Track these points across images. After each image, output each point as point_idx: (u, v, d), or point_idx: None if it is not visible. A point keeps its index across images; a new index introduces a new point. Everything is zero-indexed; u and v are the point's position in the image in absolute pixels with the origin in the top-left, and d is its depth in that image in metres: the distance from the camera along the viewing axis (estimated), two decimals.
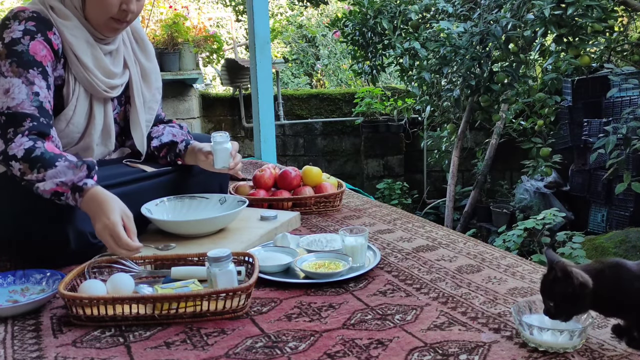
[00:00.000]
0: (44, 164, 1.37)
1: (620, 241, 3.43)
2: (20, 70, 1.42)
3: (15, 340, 1.10)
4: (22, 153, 1.37)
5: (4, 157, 1.38)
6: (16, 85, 1.41)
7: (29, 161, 1.37)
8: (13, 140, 1.38)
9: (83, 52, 1.53)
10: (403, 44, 4.05)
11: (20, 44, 1.43)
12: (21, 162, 1.37)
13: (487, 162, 4.65)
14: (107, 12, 1.51)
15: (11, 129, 1.39)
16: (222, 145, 1.65)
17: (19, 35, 1.43)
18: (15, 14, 1.45)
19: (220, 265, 1.18)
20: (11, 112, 1.40)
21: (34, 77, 1.43)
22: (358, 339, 1.06)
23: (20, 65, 1.42)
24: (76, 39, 1.51)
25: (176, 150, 1.77)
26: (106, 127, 1.64)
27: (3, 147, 1.39)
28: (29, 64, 1.43)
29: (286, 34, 8.33)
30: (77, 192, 1.36)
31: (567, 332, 0.98)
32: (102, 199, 1.35)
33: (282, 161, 5.27)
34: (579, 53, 3.31)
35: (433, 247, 1.60)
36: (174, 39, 5.19)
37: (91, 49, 1.55)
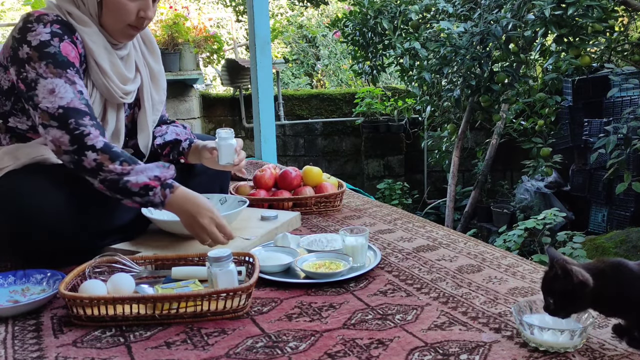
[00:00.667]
0: (127, 159, 1.40)
1: (621, 241, 3.43)
2: (59, 71, 1.40)
3: (15, 341, 1.10)
4: (101, 144, 1.38)
5: (78, 145, 1.36)
6: (60, 85, 1.39)
7: (109, 153, 1.38)
8: (78, 129, 1.37)
9: (102, 58, 1.52)
10: (403, 44, 4.05)
11: (51, 45, 1.41)
12: (100, 152, 1.37)
13: (488, 162, 4.65)
14: (125, 19, 1.50)
15: (72, 120, 1.38)
16: (227, 142, 1.65)
17: (48, 37, 1.41)
18: (38, 17, 1.43)
19: (221, 265, 1.18)
20: (67, 107, 1.38)
21: (73, 77, 1.42)
22: (358, 338, 1.06)
23: (57, 66, 1.40)
24: (96, 45, 1.51)
25: (179, 149, 1.77)
26: (117, 131, 1.64)
27: (71, 136, 1.37)
28: (65, 65, 1.42)
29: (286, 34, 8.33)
30: (167, 189, 1.41)
31: (567, 332, 0.98)
32: (197, 197, 1.44)
33: (282, 161, 5.27)
34: (579, 53, 3.31)
35: (433, 247, 1.60)
36: (174, 40, 5.19)
37: (108, 55, 1.54)
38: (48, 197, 1.41)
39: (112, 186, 1.38)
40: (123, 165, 1.38)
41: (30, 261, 1.41)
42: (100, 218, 1.50)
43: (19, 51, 1.41)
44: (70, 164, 1.40)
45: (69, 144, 1.37)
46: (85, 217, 1.46)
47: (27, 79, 1.40)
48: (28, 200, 1.41)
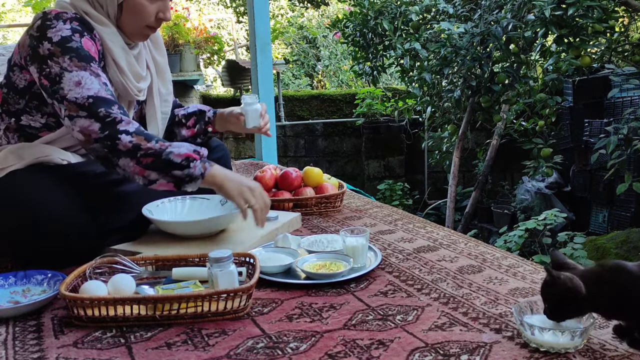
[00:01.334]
0: (161, 139, 1.44)
1: (622, 242, 3.42)
2: (83, 64, 1.42)
3: (16, 341, 1.10)
4: (134, 128, 1.41)
5: (110, 131, 1.38)
6: (86, 77, 1.41)
7: (143, 135, 1.41)
8: (109, 116, 1.39)
9: (120, 57, 1.54)
10: (404, 45, 4.05)
11: (72, 40, 1.43)
12: (134, 135, 1.39)
13: (488, 163, 4.64)
14: (144, 21, 1.54)
15: (102, 109, 1.39)
16: (253, 106, 1.74)
17: (69, 33, 1.43)
18: (57, 15, 1.46)
19: (222, 266, 1.18)
20: (96, 96, 1.40)
21: (97, 70, 1.45)
22: (359, 339, 1.06)
23: (80, 59, 1.42)
24: (114, 44, 1.53)
25: (205, 118, 1.84)
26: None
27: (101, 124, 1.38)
28: (88, 59, 1.44)
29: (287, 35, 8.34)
30: (206, 162, 1.45)
31: (568, 333, 0.98)
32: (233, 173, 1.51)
33: (283, 162, 5.27)
34: (579, 53, 3.31)
35: (434, 248, 1.60)
36: (174, 40, 5.20)
37: (125, 55, 1.57)
38: (50, 197, 1.42)
39: (153, 162, 1.39)
40: (159, 143, 1.41)
41: (31, 262, 1.41)
42: (101, 219, 1.51)
43: (39, 48, 1.42)
44: (102, 150, 1.40)
45: (99, 131, 1.38)
46: (86, 217, 1.46)
47: (50, 74, 1.41)
48: (30, 200, 1.41)
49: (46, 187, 1.43)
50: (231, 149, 5.77)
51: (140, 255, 1.42)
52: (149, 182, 1.42)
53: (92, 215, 1.48)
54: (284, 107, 5.88)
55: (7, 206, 1.44)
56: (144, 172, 1.40)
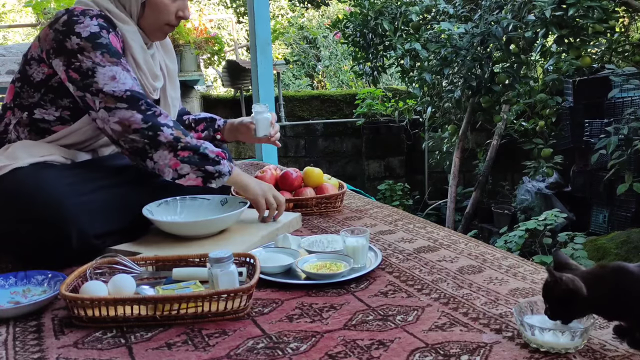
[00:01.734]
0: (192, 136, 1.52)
1: (622, 242, 3.42)
2: (115, 60, 1.48)
3: (16, 342, 1.10)
4: (172, 123, 1.49)
5: (153, 123, 1.45)
6: (119, 72, 1.47)
7: (180, 129, 1.50)
8: (150, 109, 1.46)
9: (139, 55, 1.59)
10: (404, 45, 4.05)
11: (102, 37, 1.48)
12: (174, 129, 1.48)
13: (489, 163, 4.64)
14: (165, 19, 1.61)
15: (142, 101, 1.46)
16: (263, 115, 1.78)
17: (97, 29, 1.48)
18: (83, 11, 1.50)
19: (222, 266, 1.18)
20: (133, 90, 1.47)
21: (127, 65, 1.51)
22: (359, 339, 1.06)
23: (112, 55, 1.48)
24: (134, 42, 1.58)
25: (215, 126, 1.87)
26: None
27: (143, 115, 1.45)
28: (118, 55, 1.50)
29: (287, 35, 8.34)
30: (232, 161, 1.56)
31: (568, 333, 0.98)
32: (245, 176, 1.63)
33: (283, 162, 5.27)
34: (580, 54, 3.31)
35: (434, 248, 1.60)
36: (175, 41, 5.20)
37: (143, 53, 1.61)
38: (52, 195, 1.42)
39: (189, 156, 1.48)
40: (194, 139, 1.51)
41: (32, 261, 1.41)
42: (103, 219, 1.51)
43: (66, 42, 1.46)
44: (141, 141, 1.46)
45: (142, 122, 1.45)
46: (87, 217, 1.46)
47: (81, 67, 1.46)
48: (32, 198, 1.41)
49: (48, 186, 1.43)
50: (231, 149, 5.78)
51: (141, 255, 1.42)
52: (178, 175, 1.50)
53: (95, 216, 1.48)
54: (284, 108, 5.89)
55: (9, 203, 1.44)
56: (178, 165, 1.48)
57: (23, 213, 1.42)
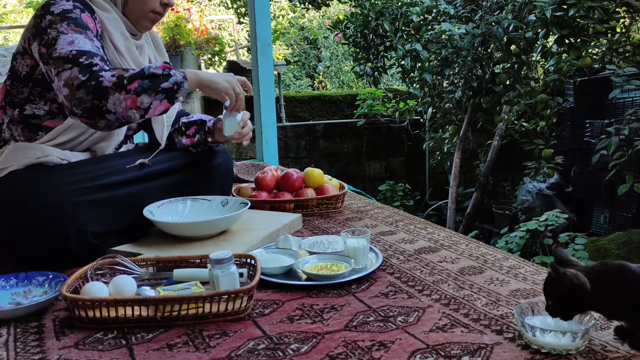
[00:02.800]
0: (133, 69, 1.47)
1: (623, 242, 3.42)
2: (80, 29, 1.47)
3: (17, 343, 1.10)
4: (108, 67, 1.42)
5: (90, 73, 1.38)
6: (80, 39, 1.45)
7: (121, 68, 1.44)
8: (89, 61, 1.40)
9: (118, 40, 1.60)
10: (405, 46, 4.05)
11: (72, 12, 1.49)
12: (113, 70, 1.41)
13: (489, 164, 4.64)
14: (149, 6, 1.61)
15: (84, 56, 1.41)
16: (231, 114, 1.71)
17: (70, 7, 1.50)
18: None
19: (223, 267, 1.18)
20: (81, 49, 1.42)
21: (92, 37, 1.49)
22: (360, 340, 1.06)
23: (78, 25, 1.47)
24: (113, 28, 1.59)
25: (205, 128, 1.84)
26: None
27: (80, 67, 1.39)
28: (85, 27, 1.49)
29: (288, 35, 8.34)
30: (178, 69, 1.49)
31: (569, 334, 0.98)
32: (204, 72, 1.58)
33: (284, 163, 5.27)
34: (580, 54, 3.31)
35: (435, 249, 1.60)
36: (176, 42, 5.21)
37: (125, 41, 1.62)
38: (50, 197, 1.42)
39: (140, 84, 1.39)
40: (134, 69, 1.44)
41: (32, 263, 1.41)
42: (101, 219, 1.50)
43: (41, 23, 1.48)
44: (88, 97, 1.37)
45: (81, 74, 1.38)
46: (87, 218, 1.46)
47: (48, 40, 1.45)
48: (30, 201, 1.41)
49: (46, 188, 1.43)
50: (232, 150, 5.78)
51: (142, 256, 1.42)
52: (144, 110, 1.42)
53: (93, 216, 1.48)
54: (285, 108, 5.88)
55: (7, 207, 1.44)
56: (136, 101, 1.40)
57: (21, 215, 1.42)
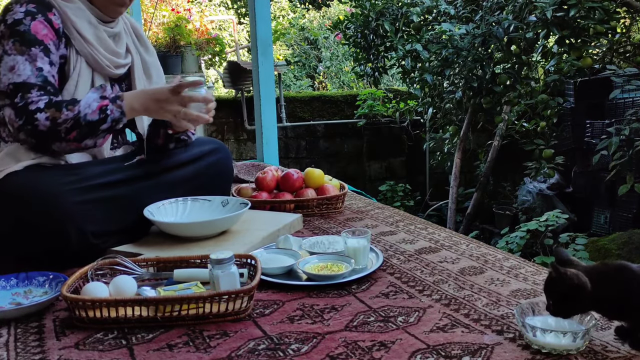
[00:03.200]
0: (69, 102, 1.47)
1: (624, 243, 3.42)
2: (23, 49, 1.47)
3: (18, 343, 1.10)
4: (44, 102, 1.44)
5: (26, 115, 1.41)
6: (20, 62, 1.46)
7: (53, 106, 1.44)
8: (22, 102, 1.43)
9: (85, 29, 1.58)
10: (405, 46, 4.05)
11: (22, 24, 1.49)
12: (46, 109, 1.43)
13: (490, 164, 4.64)
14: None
15: (19, 94, 1.44)
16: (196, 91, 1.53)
17: (21, 16, 1.49)
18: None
19: (223, 268, 1.18)
20: (18, 84, 1.45)
21: (36, 55, 1.49)
22: (360, 341, 1.06)
23: (23, 44, 1.48)
24: (78, 19, 1.57)
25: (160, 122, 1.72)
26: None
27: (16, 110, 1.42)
28: (31, 43, 1.49)
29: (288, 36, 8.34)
30: (117, 100, 1.50)
31: (570, 334, 0.98)
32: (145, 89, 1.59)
33: (284, 163, 5.27)
34: (581, 54, 3.31)
35: (435, 249, 1.60)
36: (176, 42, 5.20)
37: (93, 29, 1.60)
38: (49, 198, 1.41)
39: (79, 131, 1.44)
40: (69, 109, 1.44)
41: (32, 263, 1.41)
42: (101, 219, 1.50)
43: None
44: (30, 140, 1.45)
45: (17, 117, 1.43)
46: (86, 218, 1.46)
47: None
48: (29, 202, 1.41)
49: (44, 186, 1.42)
50: (232, 150, 5.78)
51: (142, 256, 1.43)
52: (94, 145, 1.50)
53: (91, 213, 1.48)
54: (286, 109, 5.88)
55: (7, 208, 1.44)
56: (80, 145, 1.48)
57: (21, 215, 1.42)
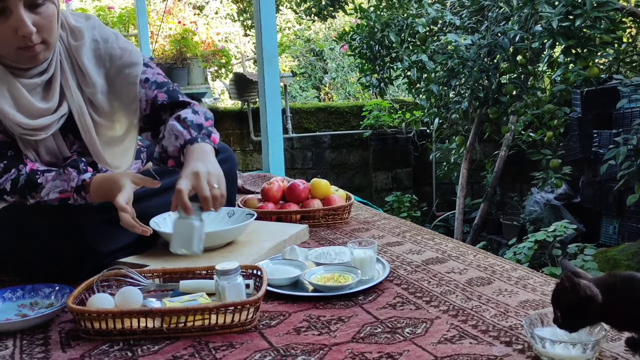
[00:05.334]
0: (31, 188, 1.39)
1: (633, 253, 3.39)
2: None
3: (23, 355, 1.10)
4: (9, 185, 1.39)
5: None
6: None
7: (17, 192, 1.39)
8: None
9: None
10: (411, 57, 4.06)
11: None
12: (12, 194, 1.40)
13: (497, 174, 4.63)
14: (9, 45, 1.31)
15: None
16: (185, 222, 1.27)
17: None
18: None
19: (229, 279, 1.18)
20: None
21: None
22: (368, 352, 1.05)
23: None
24: None
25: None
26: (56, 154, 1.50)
27: None
28: None
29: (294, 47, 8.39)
30: (81, 192, 1.39)
31: (580, 345, 0.97)
32: (108, 184, 1.38)
33: (290, 174, 5.28)
34: (587, 64, 3.30)
35: (443, 260, 1.59)
36: (182, 54, 5.24)
37: (7, 86, 1.36)
38: (56, 214, 1.41)
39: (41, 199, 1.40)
40: (33, 197, 1.40)
41: (37, 277, 1.40)
42: (112, 240, 1.49)
43: None
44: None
45: None
46: (100, 239, 1.45)
47: None
48: (35, 218, 1.41)
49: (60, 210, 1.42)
50: (239, 161, 5.79)
51: (148, 267, 1.42)
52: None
53: (106, 237, 1.47)
54: (292, 120, 5.90)
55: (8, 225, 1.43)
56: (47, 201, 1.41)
57: (23, 234, 1.41)
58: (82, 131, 1.48)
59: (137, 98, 1.53)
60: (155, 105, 1.55)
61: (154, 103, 1.55)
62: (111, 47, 1.50)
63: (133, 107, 1.54)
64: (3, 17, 1.27)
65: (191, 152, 1.39)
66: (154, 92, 1.55)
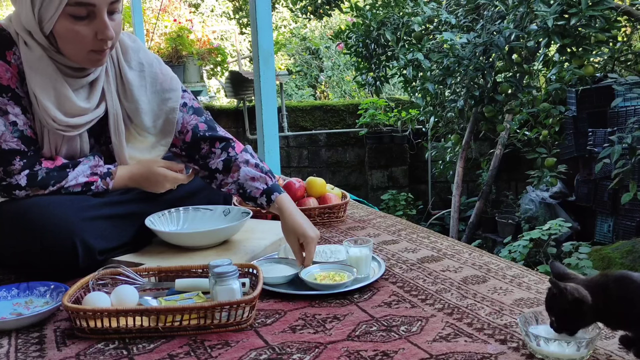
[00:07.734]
0: (58, 178, 1.44)
1: (627, 251, 3.40)
2: None
3: (19, 354, 1.09)
4: (25, 180, 1.41)
5: (5, 191, 1.41)
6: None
7: (37, 184, 1.42)
8: (5, 180, 1.40)
9: (36, 85, 1.39)
10: (406, 55, 4.06)
11: None
12: (27, 188, 1.41)
13: (492, 173, 4.64)
14: (84, 47, 1.36)
15: (0, 169, 1.39)
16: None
17: None
18: None
19: (224, 277, 1.18)
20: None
21: (5, 106, 1.37)
22: (363, 350, 1.05)
23: None
24: (32, 70, 1.38)
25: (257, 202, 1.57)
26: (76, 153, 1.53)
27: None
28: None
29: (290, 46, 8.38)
30: (107, 177, 1.51)
31: (574, 343, 0.97)
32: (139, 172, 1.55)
33: (286, 173, 5.27)
34: (582, 63, 3.31)
35: (438, 258, 1.59)
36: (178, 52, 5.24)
37: (52, 82, 1.40)
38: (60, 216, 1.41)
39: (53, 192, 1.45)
40: (55, 185, 1.44)
41: (33, 275, 1.40)
42: (108, 237, 1.49)
43: None
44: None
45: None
46: (95, 235, 1.45)
47: None
48: (32, 217, 1.40)
49: (48, 203, 1.42)
50: None
51: (143, 266, 1.42)
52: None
53: (100, 233, 1.47)
54: (287, 118, 5.90)
55: (8, 222, 1.43)
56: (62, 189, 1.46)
57: (23, 231, 1.41)
58: (114, 134, 1.54)
59: (174, 122, 1.61)
60: (197, 136, 1.63)
61: (195, 133, 1.63)
62: (154, 71, 1.59)
63: (168, 129, 1.62)
64: (87, 20, 1.34)
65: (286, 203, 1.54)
66: (192, 118, 1.64)
